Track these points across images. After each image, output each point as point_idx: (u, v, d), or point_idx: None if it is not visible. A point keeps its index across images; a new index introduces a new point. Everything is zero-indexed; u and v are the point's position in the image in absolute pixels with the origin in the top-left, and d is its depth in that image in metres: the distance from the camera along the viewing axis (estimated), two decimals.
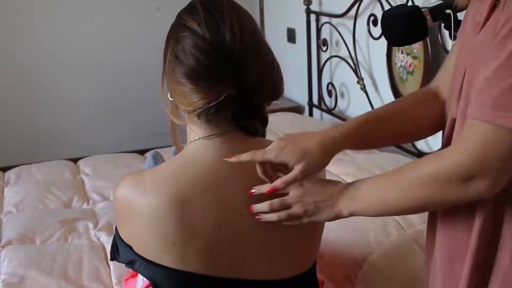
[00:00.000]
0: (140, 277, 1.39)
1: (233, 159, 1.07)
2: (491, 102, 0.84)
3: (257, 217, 1.09)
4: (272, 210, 1.08)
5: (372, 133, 1.13)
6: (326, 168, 1.17)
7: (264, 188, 1.07)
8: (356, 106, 3.03)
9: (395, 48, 2.57)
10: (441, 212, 1.04)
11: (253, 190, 1.08)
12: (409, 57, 2.47)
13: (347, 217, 1.06)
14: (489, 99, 0.84)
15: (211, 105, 1.06)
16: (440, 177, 0.90)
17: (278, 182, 1.05)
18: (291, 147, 1.04)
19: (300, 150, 1.03)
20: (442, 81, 1.16)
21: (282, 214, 1.07)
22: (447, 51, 2.12)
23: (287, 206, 1.07)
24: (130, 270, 1.46)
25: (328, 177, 1.36)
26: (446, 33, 1.85)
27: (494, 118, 0.84)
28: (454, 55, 1.12)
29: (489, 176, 0.87)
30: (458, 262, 1.00)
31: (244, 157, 1.06)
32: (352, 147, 1.15)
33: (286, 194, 1.07)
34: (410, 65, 2.48)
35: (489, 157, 0.85)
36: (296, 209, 1.07)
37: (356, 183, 1.06)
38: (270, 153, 1.05)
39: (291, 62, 3.49)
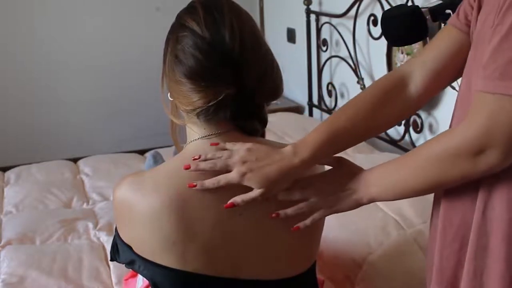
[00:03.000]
0: (140, 277, 1.39)
1: (198, 186, 1.07)
2: (497, 74, 0.84)
3: (274, 215, 1.10)
4: (300, 214, 1.09)
5: (339, 148, 1.13)
6: (326, 167, 1.17)
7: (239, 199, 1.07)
8: None
9: (395, 48, 2.57)
10: (443, 207, 1.04)
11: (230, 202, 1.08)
12: (409, 57, 2.47)
13: (367, 203, 1.07)
14: (495, 71, 0.84)
15: (210, 104, 1.06)
16: (452, 152, 0.91)
17: (238, 199, 1.06)
18: (251, 175, 1.05)
19: (260, 179, 1.05)
20: (417, 66, 1.15)
21: (304, 205, 1.09)
22: None
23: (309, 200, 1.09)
24: (130, 270, 1.46)
25: None
26: None
27: (501, 88, 0.84)
28: (444, 42, 1.12)
29: (500, 147, 0.87)
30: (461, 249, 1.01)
31: (208, 183, 1.06)
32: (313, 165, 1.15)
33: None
34: None
35: (499, 128, 0.85)
36: (318, 202, 1.08)
37: (370, 170, 1.07)
38: (233, 180, 1.06)
39: (291, 62, 3.49)
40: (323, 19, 3.15)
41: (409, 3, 2.37)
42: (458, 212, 1.01)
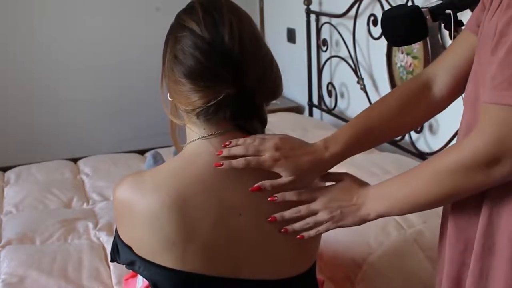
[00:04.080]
0: (140, 277, 1.39)
1: (225, 166, 1.08)
2: (505, 85, 0.84)
3: (283, 230, 1.11)
4: (299, 218, 1.10)
5: (365, 146, 1.18)
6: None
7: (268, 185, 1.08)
8: (356, 106, 3.03)
9: (395, 48, 2.57)
10: (451, 213, 1.05)
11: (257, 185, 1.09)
12: (409, 57, 2.47)
13: (374, 219, 1.08)
14: (502, 83, 0.85)
15: (210, 104, 1.06)
16: (464, 165, 0.91)
17: (266, 183, 1.08)
18: (284, 162, 1.07)
19: (293, 166, 1.07)
20: (440, 70, 1.17)
21: (310, 220, 1.09)
22: None
23: (314, 213, 1.10)
24: (130, 270, 1.46)
25: None
26: (446, 33, 1.84)
27: (509, 99, 0.84)
28: (461, 47, 1.12)
29: (511, 159, 0.87)
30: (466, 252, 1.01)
31: (237, 163, 1.08)
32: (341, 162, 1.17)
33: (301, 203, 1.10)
34: (410, 65, 2.48)
35: (509, 137, 0.86)
36: (323, 215, 1.09)
37: (380, 185, 1.08)
38: (264, 164, 1.08)
39: (291, 62, 3.49)
40: (323, 19, 3.15)
41: (409, 3, 2.37)
42: (465, 214, 1.02)
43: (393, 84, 2.60)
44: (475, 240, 0.98)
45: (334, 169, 1.16)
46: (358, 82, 2.86)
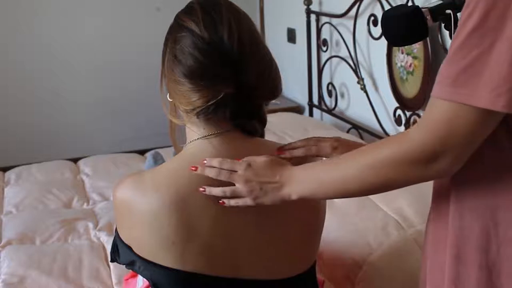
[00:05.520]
0: (140, 277, 1.39)
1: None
2: (450, 80, 0.83)
3: (201, 188, 1.08)
4: (220, 184, 1.07)
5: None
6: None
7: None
8: (356, 106, 3.03)
9: (395, 48, 2.57)
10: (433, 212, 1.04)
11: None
12: (409, 57, 2.47)
13: (295, 199, 1.04)
14: (449, 77, 0.83)
15: (209, 103, 1.06)
16: (404, 158, 0.89)
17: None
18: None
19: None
20: None
21: (227, 189, 1.07)
22: (447, 51, 2.12)
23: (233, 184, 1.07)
24: (130, 270, 1.46)
25: None
26: (446, 33, 1.84)
27: (454, 95, 0.82)
28: None
29: (451, 155, 0.86)
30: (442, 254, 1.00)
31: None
32: None
33: None
34: (410, 65, 2.48)
35: (452, 136, 0.84)
36: (242, 189, 1.06)
37: (306, 166, 1.05)
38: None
39: (291, 62, 3.49)
40: (323, 19, 3.15)
41: (409, 3, 2.36)
42: (437, 222, 1.01)
43: (393, 84, 2.60)
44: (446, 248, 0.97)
45: None
46: (358, 82, 2.86)
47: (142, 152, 3.01)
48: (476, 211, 0.92)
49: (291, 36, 3.59)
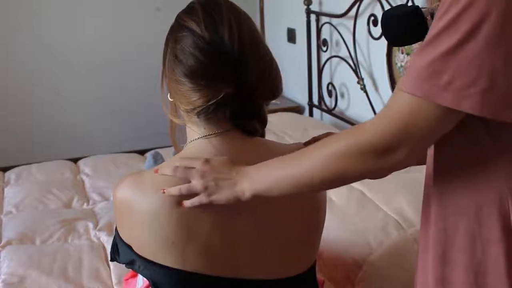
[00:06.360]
0: (140, 277, 1.39)
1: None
2: (415, 74, 0.83)
3: (161, 190, 1.07)
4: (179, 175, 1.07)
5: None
6: None
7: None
8: (356, 106, 3.03)
9: (395, 48, 2.57)
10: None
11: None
12: (409, 57, 2.47)
13: (249, 197, 1.03)
14: (414, 71, 0.83)
15: (210, 103, 1.06)
16: (361, 149, 0.88)
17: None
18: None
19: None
20: None
21: (183, 187, 1.06)
22: None
23: (190, 180, 1.07)
24: (130, 270, 1.46)
25: None
26: None
27: (416, 90, 0.82)
28: None
29: (407, 148, 0.85)
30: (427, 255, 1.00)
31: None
32: None
33: None
34: None
35: (411, 129, 0.84)
36: (196, 184, 1.05)
37: (264, 163, 1.04)
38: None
39: (291, 62, 3.49)
40: (323, 19, 3.15)
41: (409, 3, 2.37)
42: (425, 223, 1.00)
43: (393, 84, 2.60)
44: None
45: None
46: (358, 82, 2.86)
47: (142, 152, 3.01)
48: (459, 212, 0.92)
49: (291, 36, 3.59)
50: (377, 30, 2.62)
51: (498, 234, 0.87)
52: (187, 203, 1.07)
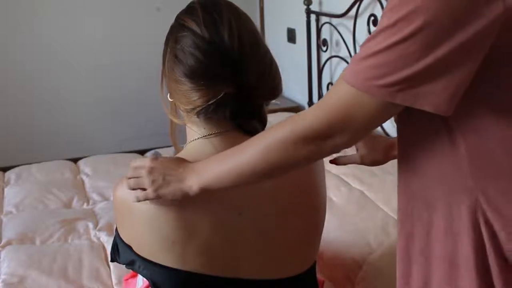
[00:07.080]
0: (140, 277, 1.39)
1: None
2: (356, 67, 0.84)
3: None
4: (129, 176, 1.08)
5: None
6: (326, 168, 1.17)
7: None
8: None
9: None
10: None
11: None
12: None
13: (197, 192, 1.03)
14: (353, 63, 0.85)
15: (210, 103, 1.07)
16: (300, 136, 0.90)
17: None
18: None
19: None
20: None
21: (131, 181, 1.08)
22: None
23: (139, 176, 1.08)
24: (130, 270, 1.46)
25: (327, 177, 1.37)
26: None
27: (356, 82, 0.83)
28: None
29: (349, 135, 0.88)
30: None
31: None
32: None
33: None
34: None
35: (349, 120, 0.86)
36: (144, 179, 1.06)
37: (210, 158, 1.04)
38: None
39: (291, 62, 3.49)
40: (323, 19, 3.15)
41: None
42: (403, 222, 1.02)
43: None
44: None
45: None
46: None
47: (142, 152, 3.01)
48: (431, 205, 0.92)
49: (291, 36, 3.59)
50: None
51: (466, 227, 0.88)
52: (132, 197, 1.07)
